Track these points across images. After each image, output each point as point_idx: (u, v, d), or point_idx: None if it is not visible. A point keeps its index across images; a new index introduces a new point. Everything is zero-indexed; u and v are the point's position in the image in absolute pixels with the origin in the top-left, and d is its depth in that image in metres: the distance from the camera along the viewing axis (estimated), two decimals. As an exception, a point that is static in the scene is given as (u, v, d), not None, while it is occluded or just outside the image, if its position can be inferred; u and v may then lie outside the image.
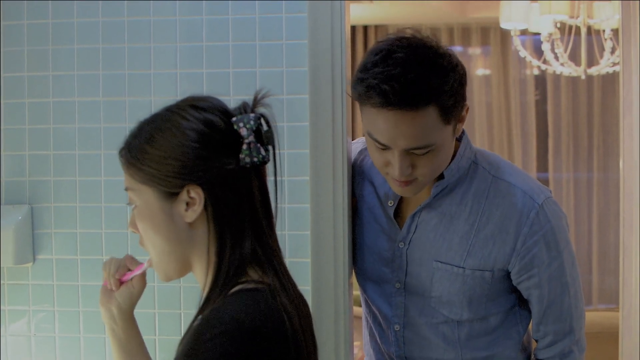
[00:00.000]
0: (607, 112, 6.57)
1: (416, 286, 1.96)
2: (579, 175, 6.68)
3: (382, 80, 1.69)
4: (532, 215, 1.87)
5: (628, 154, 2.55)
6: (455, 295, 1.92)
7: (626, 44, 2.53)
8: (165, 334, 2.06)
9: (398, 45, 1.74)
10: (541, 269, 1.89)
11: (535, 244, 1.87)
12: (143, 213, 1.46)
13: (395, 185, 1.85)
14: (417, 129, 1.73)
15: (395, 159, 1.77)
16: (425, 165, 1.80)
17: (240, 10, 2.05)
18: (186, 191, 1.41)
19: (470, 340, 1.97)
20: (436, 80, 1.71)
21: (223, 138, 1.42)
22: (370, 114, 1.76)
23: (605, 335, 4.07)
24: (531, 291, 1.92)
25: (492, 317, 1.97)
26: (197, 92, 2.02)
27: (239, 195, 1.42)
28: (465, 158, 1.92)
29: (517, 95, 6.68)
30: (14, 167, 2.13)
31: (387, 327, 2.03)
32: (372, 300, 2.05)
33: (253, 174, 1.44)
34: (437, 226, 1.93)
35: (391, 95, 1.69)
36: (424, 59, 1.72)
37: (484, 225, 1.89)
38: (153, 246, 1.48)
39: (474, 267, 1.90)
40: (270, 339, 1.33)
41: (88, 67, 2.10)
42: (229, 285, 1.40)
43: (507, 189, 1.90)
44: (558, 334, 1.94)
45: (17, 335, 2.15)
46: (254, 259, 1.43)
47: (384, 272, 2.00)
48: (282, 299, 1.39)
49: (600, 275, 6.62)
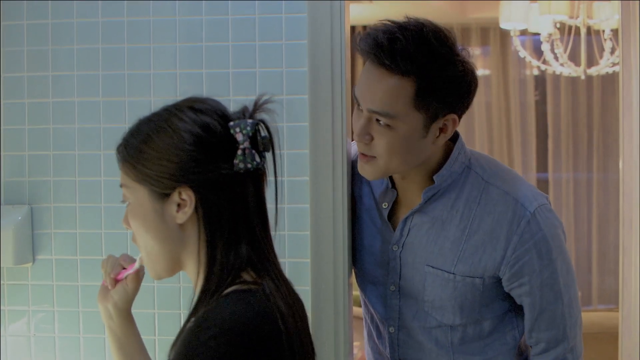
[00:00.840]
0: (606, 113, 6.57)
1: (410, 290, 1.96)
2: (578, 176, 6.68)
3: (383, 34, 1.76)
4: (523, 224, 1.86)
5: (628, 154, 2.55)
6: (447, 301, 1.91)
7: (626, 44, 2.53)
8: (164, 334, 2.06)
9: (417, 21, 1.80)
10: (532, 277, 1.87)
11: (526, 252, 1.86)
12: (135, 211, 1.46)
13: (358, 162, 1.88)
14: (384, 92, 1.76)
15: (361, 117, 1.81)
16: (381, 138, 1.80)
17: (239, 10, 2.04)
18: (178, 193, 1.41)
19: (463, 344, 1.96)
20: (430, 62, 1.74)
21: (219, 142, 1.41)
22: (364, 69, 1.82)
23: (605, 336, 4.08)
24: (522, 298, 1.91)
25: (486, 322, 1.96)
26: (197, 93, 2.02)
27: (232, 200, 1.42)
28: (458, 162, 1.91)
29: (516, 96, 6.68)
30: (13, 167, 2.13)
31: (383, 328, 2.03)
32: (370, 302, 2.05)
33: (248, 179, 1.43)
34: (429, 231, 1.92)
35: (381, 50, 1.74)
36: (416, 32, 1.76)
37: (474, 232, 1.88)
38: (144, 244, 1.48)
39: (464, 273, 1.89)
40: (264, 339, 1.33)
41: (88, 67, 2.10)
42: (221, 287, 1.40)
43: (498, 196, 1.89)
44: (551, 341, 1.92)
45: (16, 335, 2.14)
46: (248, 264, 1.43)
47: (380, 274, 2.00)
48: (276, 299, 1.39)
49: (600, 275, 6.62)
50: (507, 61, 6.70)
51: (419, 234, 1.93)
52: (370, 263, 2.02)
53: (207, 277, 1.42)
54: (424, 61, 1.74)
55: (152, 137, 1.43)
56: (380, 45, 1.74)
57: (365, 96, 1.79)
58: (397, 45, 1.74)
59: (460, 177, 1.91)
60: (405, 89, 1.75)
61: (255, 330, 1.32)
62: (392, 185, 1.97)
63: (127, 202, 1.48)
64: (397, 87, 1.75)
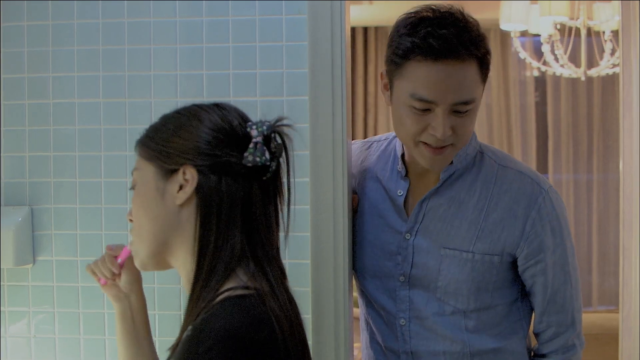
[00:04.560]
0: (606, 114, 6.57)
1: (421, 278, 1.97)
2: (578, 177, 6.68)
3: (432, 34, 1.77)
4: (540, 200, 1.92)
5: (628, 155, 2.55)
6: (464, 283, 1.93)
7: (626, 45, 2.53)
8: (164, 335, 2.06)
9: (434, 11, 1.83)
10: (547, 254, 1.92)
11: (543, 228, 1.92)
12: (138, 191, 1.51)
13: (427, 155, 1.87)
14: (465, 81, 1.81)
15: (439, 118, 1.81)
16: (463, 126, 1.84)
17: (240, 11, 2.05)
18: (182, 172, 1.45)
19: (477, 331, 1.97)
20: (474, 34, 1.81)
21: (234, 134, 1.46)
22: (417, 71, 1.80)
23: (605, 337, 4.08)
24: (536, 279, 1.95)
25: (498, 308, 1.98)
26: (197, 94, 2.03)
27: (233, 191, 1.44)
28: (471, 146, 1.97)
29: (517, 97, 6.68)
30: (13, 168, 2.13)
31: (391, 323, 2.03)
32: (374, 298, 2.05)
33: (254, 177, 1.46)
34: (445, 212, 1.95)
35: (445, 47, 1.77)
36: (464, 18, 1.82)
37: (492, 210, 1.93)
38: (139, 226, 1.51)
39: (484, 251, 1.92)
40: (261, 346, 1.34)
41: (88, 68, 2.10)
42: (213, 277, 1.42)
43: (514, 175, 1.96)
44: (561, 325, 1.97)
45: (17, 336, 2.14)
46: (243, 257, 1.44)
47: (387, 267, 2.00)
48: (271, 303, 1.40)
49: (600, 276, 6.62)
50: (507, 62, 6.70)
51: (435, 217, 1.96)
52: (375, 257, 2.02)
53: (199, 261, 1.44)
54: (474, 37, 1.81)
55: (176, 121, 1.49)
56: (447, 40, 1.77)
57: (447, 94, 1.80)
58: (465, 35, 1.79)
59: (474, 160, 1.98)
60: (473, 70, 1.82)
61: (251, 337, 1.33)
62: (405, 173, 2.00)
63: (134, 187, 1.52)
64: (472, 72, 1.81)
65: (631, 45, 2.50)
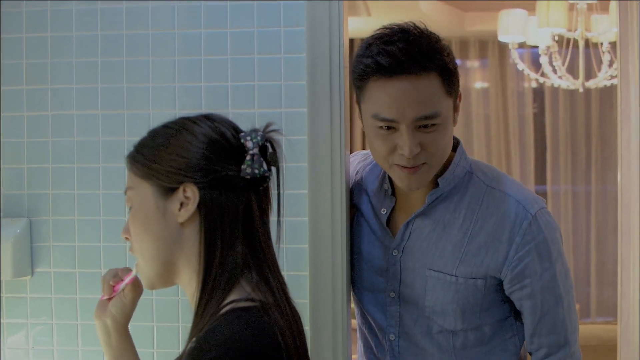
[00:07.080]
0: (604, 125, 6.58)
1: (410, 295, 1.96)
2: (577, 188, 6.69)
3: (381, 52, 1.77)
4: (525, 225, 1.87)
5: (626, 167, 2.56)
6: (449, 305, 1.91)
7: (624, 57, 2.54)
8: (163, 347, 2.05)
9: (387, 29, 1.83)
10: (533, 279, 1.88)
11: (528, 253, 1.87)
12: (137, 211, 1.48)
13: (402, 176, 1.85)
14: (423, 95, 1.77)
15: (404, 136, 1.78)
16: (434, 142, 1.80)
17: (238, 23, 2.05)
18: (182, 190, 1.44)
19: (465, 349, 1.96)
20: (434, 46, 1.79)
21: (230, 147, 1.46)
22: (374, 92, 1.79)
23: (603, 349, 4.08)
24: (523, 302, 1.91)
25: (487, 327, 1.96)
26: (196, 106, 2.03)
27: (235, 203, 1.44)
28: (460, 167, 1.93)
29: (515, 108, 6.70)
30: (12, 180, 2.13)
31: (382, 337, 2.03)
32: (368, 311, 2.05)
33: (252, 188, 1.46)
34: (431, 234, 1.93)
35: (393, 63, 1.75)
36: (415, 32, 1.80)
37: (477, 234, 1.90)
38: (141, 247, 1.49)
39: (467, 275, 1.89)
40: (265, 357, 1.34)
41: (86, 80, 2.10)
42: (218, 289, 1.41)
43: (500, 198, 1.91)
44: (552, 346, 1.93)
45: (15, 348, 2.14)
46: (246, 267, 1.44)
47: (378, 282, 2.00)
48: (275, 315, 1.40)
49: (599, 287, 6.62)
50: (505, 74, 6.72)
51: (419, 238, 1.94)
52: (368, 271, 2.02)
53: (205, 278, 1.43)
54: (434, 49, 1.79)
55: (167, 137, 1.48)
56: (395, 56, 1.76)
57: (406, 110, 1.77)
58: (414, 48, 1.76)
59: (462, 181, 1.93)
60: (434, 83, 1.78)
61: (255, 349, 1.33)
62: (392, 192, 1.98)
63: (131, 206, 1.50)
64: (431, 85, 1.78)
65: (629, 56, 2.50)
